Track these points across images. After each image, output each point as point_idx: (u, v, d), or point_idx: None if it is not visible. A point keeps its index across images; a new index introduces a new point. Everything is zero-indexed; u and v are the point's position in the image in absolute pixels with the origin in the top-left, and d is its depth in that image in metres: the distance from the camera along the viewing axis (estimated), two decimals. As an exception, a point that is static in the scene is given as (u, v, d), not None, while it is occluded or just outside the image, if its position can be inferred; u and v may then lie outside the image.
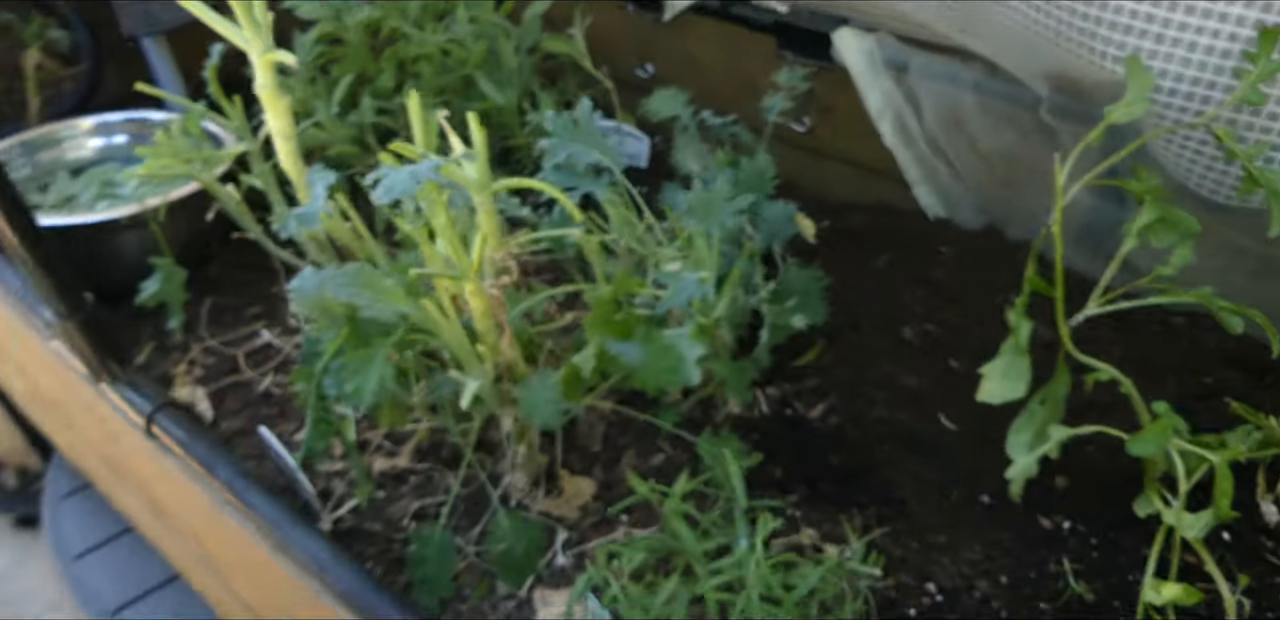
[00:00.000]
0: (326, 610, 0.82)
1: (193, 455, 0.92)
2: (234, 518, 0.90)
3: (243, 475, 0.89)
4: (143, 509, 1.45)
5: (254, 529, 0.88)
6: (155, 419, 0.95)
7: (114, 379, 0.98)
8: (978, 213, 1.59)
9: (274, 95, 1.02)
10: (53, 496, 1.94)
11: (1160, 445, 0.92)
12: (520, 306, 1.00)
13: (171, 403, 0.96)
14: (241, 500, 0.88)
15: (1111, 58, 1.18)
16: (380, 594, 0.79)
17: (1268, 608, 1.03)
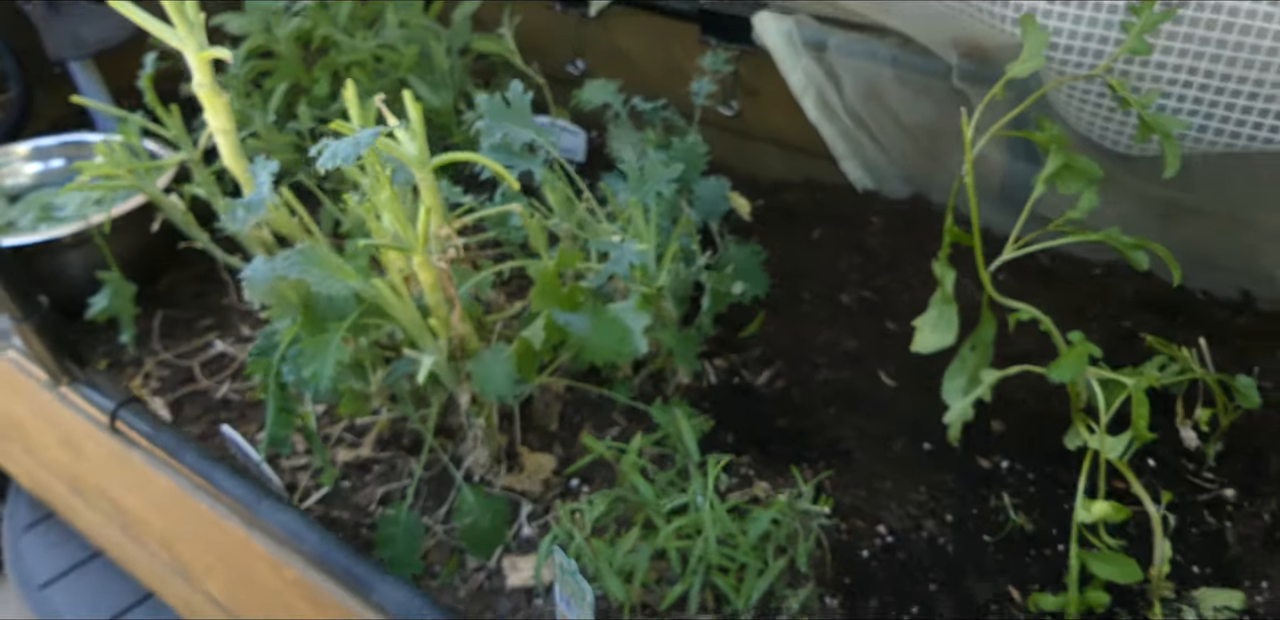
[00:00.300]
0: (306, 583, 0.85)
1: (159, 445, 0.95)
2: (204, 501, 0.92)
3: (208, 458, 0.92)
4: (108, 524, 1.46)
5: (225, 509, 0.91)
6: (119, 415, 0.98)
7: (73, 380, 1.00)
8: (903, 183, 1.66)
9: (212, 93, 1.05)
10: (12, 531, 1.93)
11: (1078, 370, 0.98)
12: (469, 282, 1.04)
13: (134, 399, 0.98)
14: (211, 482, 0.91)
15: (1010, 21, 1.24)
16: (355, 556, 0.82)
17: (1191, 523, 1.10)
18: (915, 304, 1.41)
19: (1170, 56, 1.18)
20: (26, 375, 1.07)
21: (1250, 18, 1.12)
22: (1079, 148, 1.31)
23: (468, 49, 1.86)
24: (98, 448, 1.06)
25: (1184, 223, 1.34)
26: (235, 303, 1.61)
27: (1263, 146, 1.20)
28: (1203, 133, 1.21)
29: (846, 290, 1.48)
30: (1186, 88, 1.19)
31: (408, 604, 0.78)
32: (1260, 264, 1.32)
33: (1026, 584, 1.06)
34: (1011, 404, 1.26)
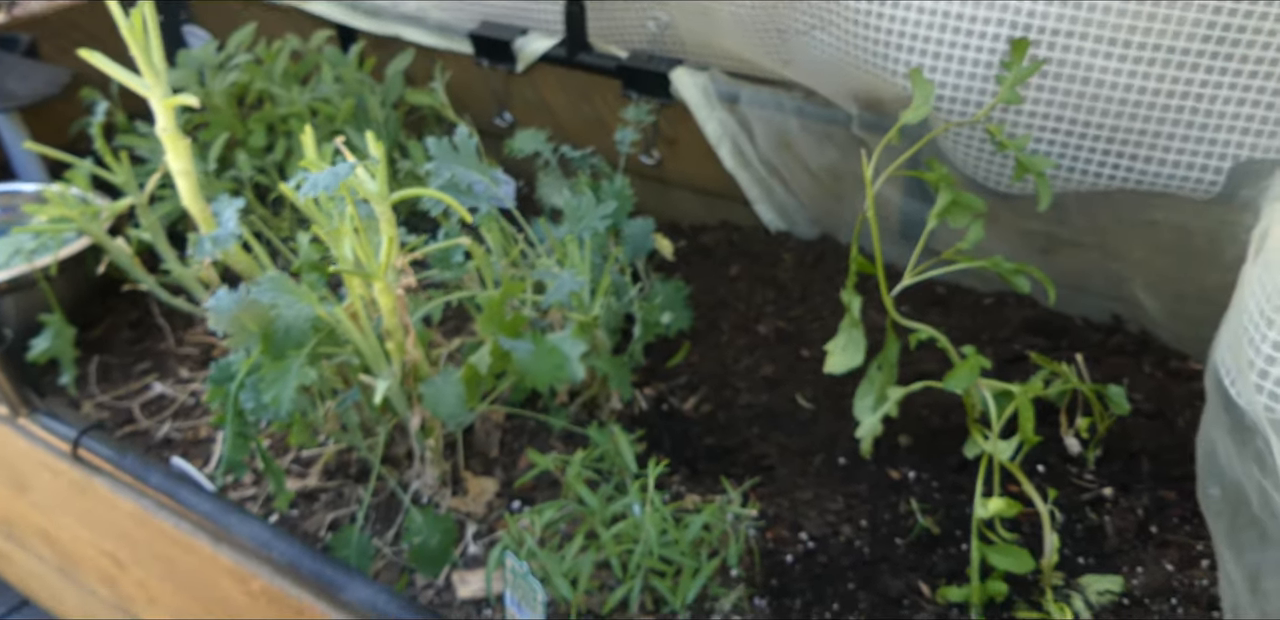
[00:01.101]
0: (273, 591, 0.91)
1: (124, 468, 1.00)
2: (169, 520, 0.97)
3: (173, 478, 0.97)
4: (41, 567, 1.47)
5: (191, 526, 0.96)
6: (81, 442, 1.02)
7: (33, 410, 1.05)
8: (812, 224, 1.79)
9: (175, 137, 1.12)
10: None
11: (971, 379, 1.09)
12: (423, 309, 1.12)
13: (97, 425, 1.03)
14: (177, 500, 0.96)
15: (901, 75, 1.39)
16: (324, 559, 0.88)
17: (1076, 519, 1.22)
18: (826, 332, 1.53)
19: (1039, 105, 1.34)
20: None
21: (1103, 73, 1.28)
22: (966, 187, 1.46)
23: (401, 102, 1.96)
24: (54, 479, 1.10)
25: (1062, 254, 1.49)
26: (172, 347, 1.65)
27: (1122, 184, 1.36)
28: (1071, 172, 1.37)
29: (763, 321, 1.59)
30: (1055, 133, 1.35)
31: (374, 600, 0.84)
32: (1129, 290, 1.47)
33: (935, 579, 1.17)
34: (917, 420, 1.38)
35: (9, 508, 1.38)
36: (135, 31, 1.01)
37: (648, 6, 1.75)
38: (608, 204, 1.22)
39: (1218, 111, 1.28)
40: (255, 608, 0.97)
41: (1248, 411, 0.99)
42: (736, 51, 1.69)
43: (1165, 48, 1.26)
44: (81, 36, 2.25)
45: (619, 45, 1.85)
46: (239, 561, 0.93)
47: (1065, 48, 1.30)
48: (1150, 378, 1.41)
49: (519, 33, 1.92)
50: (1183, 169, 1.32)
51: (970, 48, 1.33)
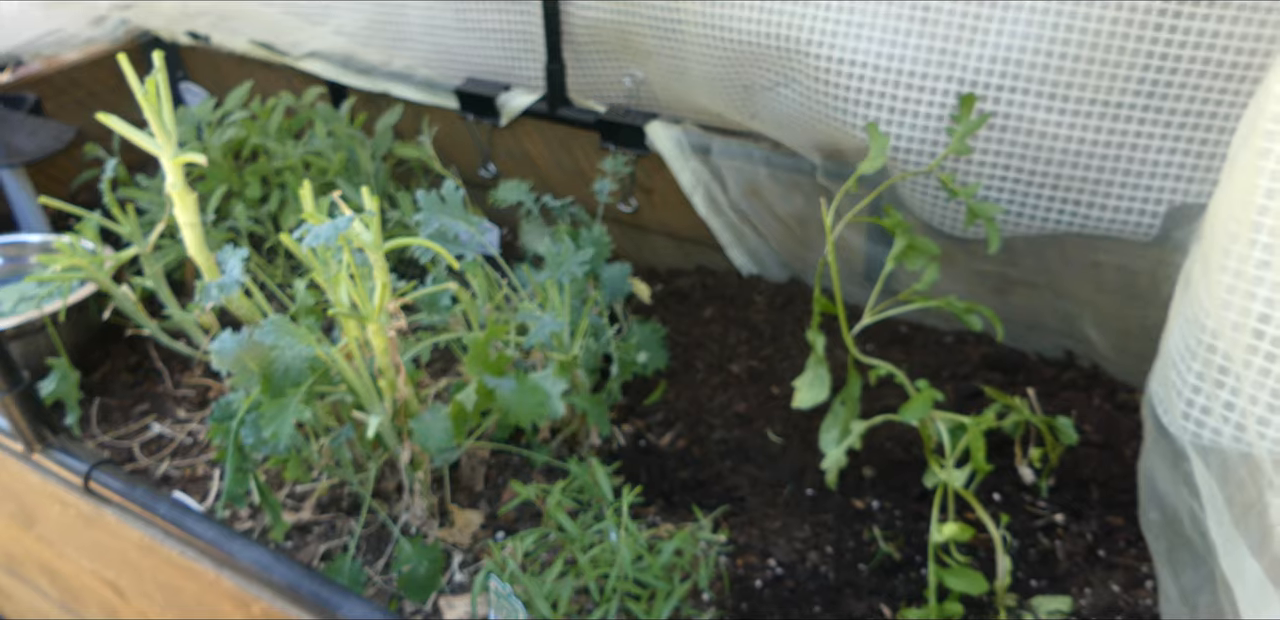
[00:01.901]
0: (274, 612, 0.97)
1: (133, 499, 1.06)
2: (175, 548, 1.03)
3: (179, 508, 1.04)
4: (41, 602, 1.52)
5: (195, 552, 1.02)
6: (92, 475, 1.09)
7: (47, 446, 1.12)
8: (782, 267, 1.88)
9: (184, 192, 1.21)
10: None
11: (925, 410, 1.17)
12: (412, 349, 1.19)
13: (108, 460, 1.10)
14: (184, 529, 1.02)
15: (859, 128, 1.49)
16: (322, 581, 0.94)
17: (1029, 545, 1.29)
18: (795, 371, 1.61)
19: (988, 155, 1.44)
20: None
21: (1045, 125, 1.38)
22: (922, 232, 1.55)
23: (390, 155, 2.05)
24: (63, 511, 1.16)
25: (1015, 294, 1.58)
26: (170, 390, 1.72)
27: (1067, 228, 1.45)
28: (1019, 217, 1.46)
29: (736, 361, 1.67)
30: (1003, 180, 1.44)
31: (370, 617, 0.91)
32: (1079, 327, 1.55)
33: (896, 602, 1.23)
34: (879, 452, 1.46)
35: (14, 544, 1.43)
36: (150, 97, 1.10)
37: (624, 64, 1.85)
38: (586, 251, 1.30)
39: (1151, 160, 1.38)
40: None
41: (1177, 438, 1.07)
42: (708, 106, 1.79)
43: (1101, 102, 1.37)
44: (83, 94, 2.36)
45: (597, 100, 1.95)
46: (241, 585, 0.99)
47: (1009, 102, 1.40)
48: (1099, 410, 1.49)
49: (502, 89, 2.02)
50: (1122, 214, 1.42)
51: (922, 103, 1.43)
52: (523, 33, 1.95)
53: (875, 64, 1.45)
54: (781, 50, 1.54)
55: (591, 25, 1.81)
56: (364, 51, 2.19)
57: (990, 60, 1.39)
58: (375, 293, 1.06)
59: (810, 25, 1.50)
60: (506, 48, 1.99)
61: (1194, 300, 1.04)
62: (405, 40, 2.13)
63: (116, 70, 2.40)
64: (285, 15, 2.26)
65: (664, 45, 1.72)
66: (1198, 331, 1.02)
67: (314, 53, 2.24)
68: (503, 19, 1.95)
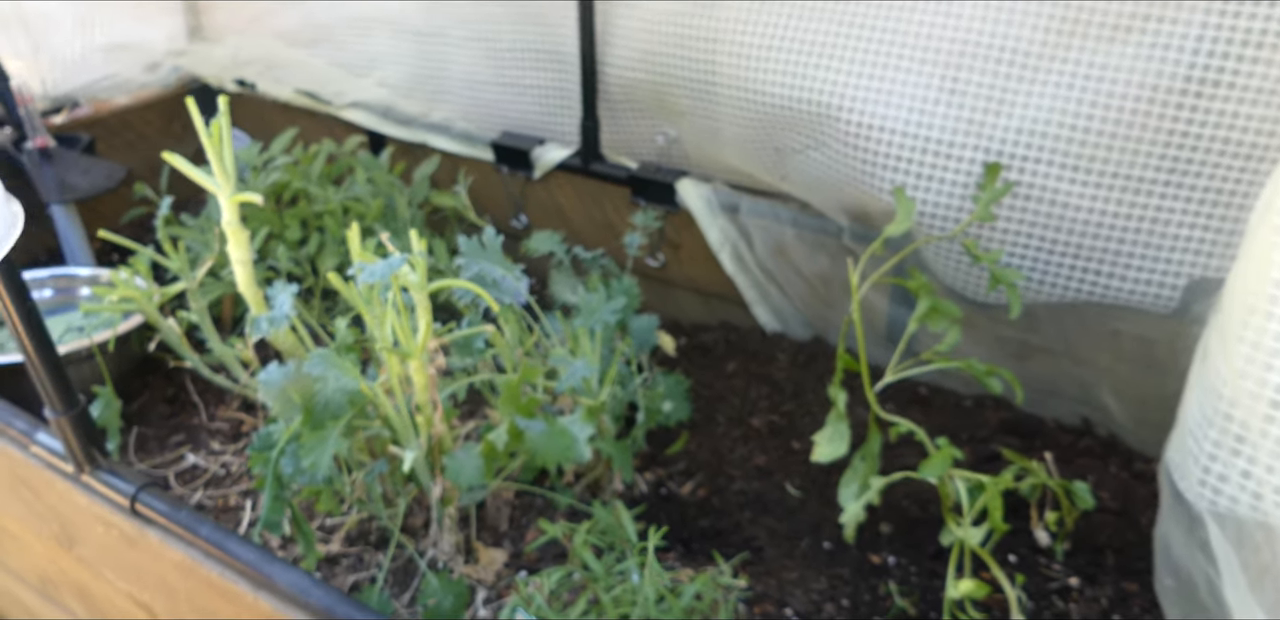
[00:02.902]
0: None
1: (177, 521, 1.09)
2: (215, 569, 1.06)
3: (220, 531, 1.07)
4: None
5: (235, 574, 1.05)
6: (139, 497, 1.12)
7: (96, 468, 1.15)
8: (805, 326, 1.92)
9: (238, 230, 1.26)
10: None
11: (944, 468, 1.20)
12: (449, 388, 1.23)
13: (153, 482, 1.13)
14: (225, 551, 1.05)
15: (887, 192, 1.54)
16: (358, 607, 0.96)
17: (1044, 607, 1.31)
18: (815, 426, 1.64)
19: (1011, 223, 1.48)
20: (46, 468, 1.22)
21: (1068, 196, 1.43)
22: (945, 295, 1.60)
23: (426, 202, 2.11)
24: (106, 532, 1.20)
25: (1034, 360, 1.61)
26: (205, 422, 1.76)
27: (1088, 297, 1.49)
28: (1040, 285, 1.50)
29: (757, 415, 1.71)
30: (1025, 248, 1.49)
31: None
32: (1097, 395, 1.58)
33: (910, 657, 1.25)
34: (897, 510, 1.48)
35: (51, 565, 1.46)
36: (214, 138, 1.16)
37: (657, 123, 1.92)
38: (618, 300, 1.34)
39: (1172, 233, 1.43)
40: (285, 657, 1.06)
41: (1194, 504, 1.09)
42: (738, 165, 1.85)
43: (1124, 175, 1.42)
44: (133, 136, 2.44)
45: (629, 156, 2.02)
46: (277, 607, 1.01)
47: (1034, 172, 1.46)
48: (1116, 478, 1.52)
49: (537, 142, 2.08)
50: (1142, 285, 1.46)
51: (949, 170, 1.49)
52: (559, 89, 2.02)
53: (904, 130, 1.51)
54: (813, 115, 1.61)
55: (627, 84, 1.88)
56: (404, 103, 2.27)
57: (1016, 131, 1.45)
58: (419, 331, 1.10)
59: (842, 91, 1.56)
60: (543, 103, 2.06)
61: (1212, 370, 1.08)
62: (445, 93, 2.21)
63: (166, 114, 2.50)
64: (331, 66, 2.35)
65: (697, 106, 1.79)
66: (1215, 400, 1.05)
67: (356, 103, 2.32)
68: (540, 76, 2.03)
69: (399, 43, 2.22)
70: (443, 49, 2.16)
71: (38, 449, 1.22)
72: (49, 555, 1.43)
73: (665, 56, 1.78)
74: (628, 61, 1.85)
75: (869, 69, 1.53)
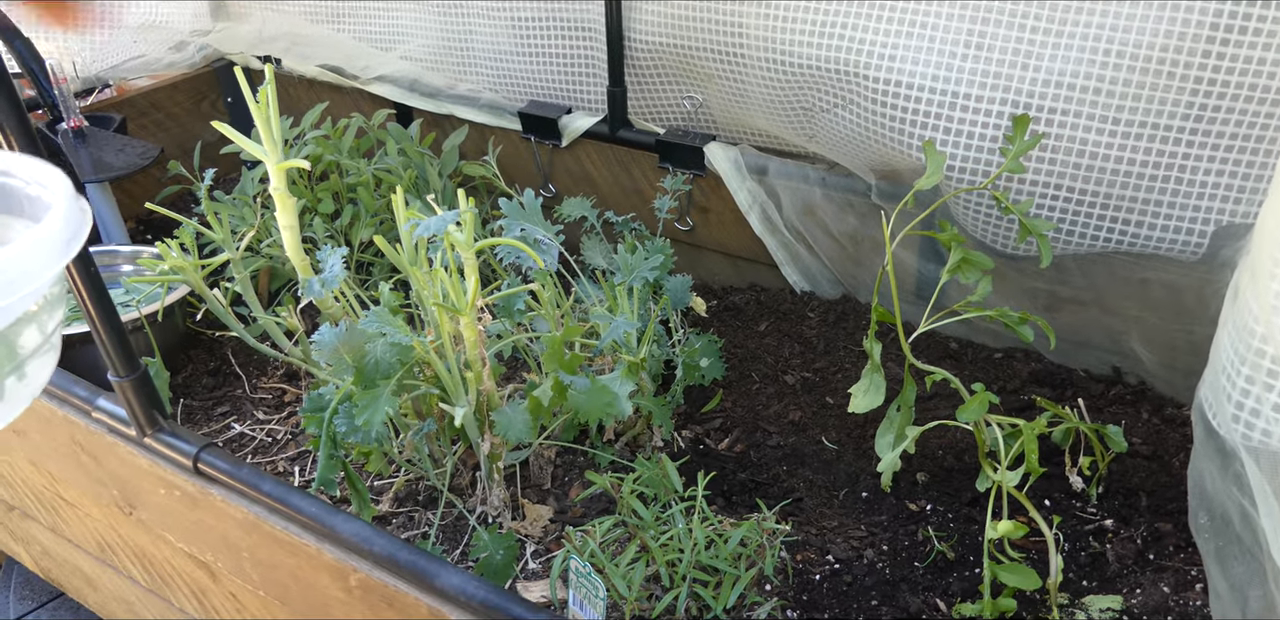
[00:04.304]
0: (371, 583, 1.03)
1: (239, 479, 1.14)
2: (278, 524, 1.10)
3: (282, 486, 1.11)
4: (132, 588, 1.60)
5: (298, 527, 1.09)
6: (201, 457, 1.17)
7: (159, 430, 1.19)
8: (834, 285, 1.94)
9: (285, 195, 1.29)
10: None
11: (981, 411, 1.23)
12: (496, 346, 1.27)
13: (212, 443, 1.17)
14: (287, 505, 1.09)
15: (916, 148, 1.56)
16: (418, 551, 1.00)
17: (1080, 548, 1.34)
18: (848, 382, 1.67)
19: (1040, 175, 1.50)
20: (108, 433, 1.26)
21: (1096, 146, 1.44)
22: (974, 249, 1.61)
23: (456, 172, 2.14)
24: (167, 494, 1.24)
25: (1064, 311, 1.63)
26: (248, 393, 1.80)
27: (1116, 247, 1.51)
28: (1070, 236, 1.52)
29: (790, 372, 1.73)
30: (1054, 199, 1.51)
31: (463, 586, 0.96)
32: (1127, 344, 1.60)
33: (950, 598, 1.28)
34: (933, 459, 1.51)
35: (110, 532, 1.51)
36: (261, 107, 1.19)
37: (684, 87, 1.94)
38: (656, 258, 1.37)
39: (1199, 181, 1.44)
40: (349, 603, 1.10)
41: (1227, 439, 1.11)
42: (765, 128, 1.87)
43: (1151, 124, 1.43)
44: (161, 116, 2.47)
45: (656, 122, 2.04)
46: (340, 558, 1.05)
47: (1061, 124, 1.47)
48: (1148, 423, 1.54)
49: (564, 111, 2.10)
50: (1170, 232, 1.48)
51: (978, 124, 1.50)
52: (585, 57, 2.04)
53: (931, 86, 1.53)
54: (840, 73, 1.62)
55: (653, 50, 1.90)
56: (430, 76, 2.29)
57: (1043, 84, 1.46)
58: (469, 288, 1.13)
59: (869, 50, 1.58)
60: (568, 72, 2.08)
61: (1243, 308, 1.10)
62: (470, 65, 2.23)
63: (193, 94, 2.53)
64: (357, 41, 2.38)
65: (724, 69, 1.81)
66: (1248, 337, 1.08)
67: (382, 77, 2.34)
68: (566, 44, 2.05)
69: (423, 15, 2.24)
70: (467, 20, 2.18)
71: (99, 414, 1.26)
72: (108, 521, 1.48)
73: (691, 21, 1.79)
74: (653, 27, 1.86)
75: (895, 26, 1.54)
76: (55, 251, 0.72)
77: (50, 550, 1.79)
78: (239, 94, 2.62)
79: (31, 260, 0.70)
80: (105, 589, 1.69)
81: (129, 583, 1.58)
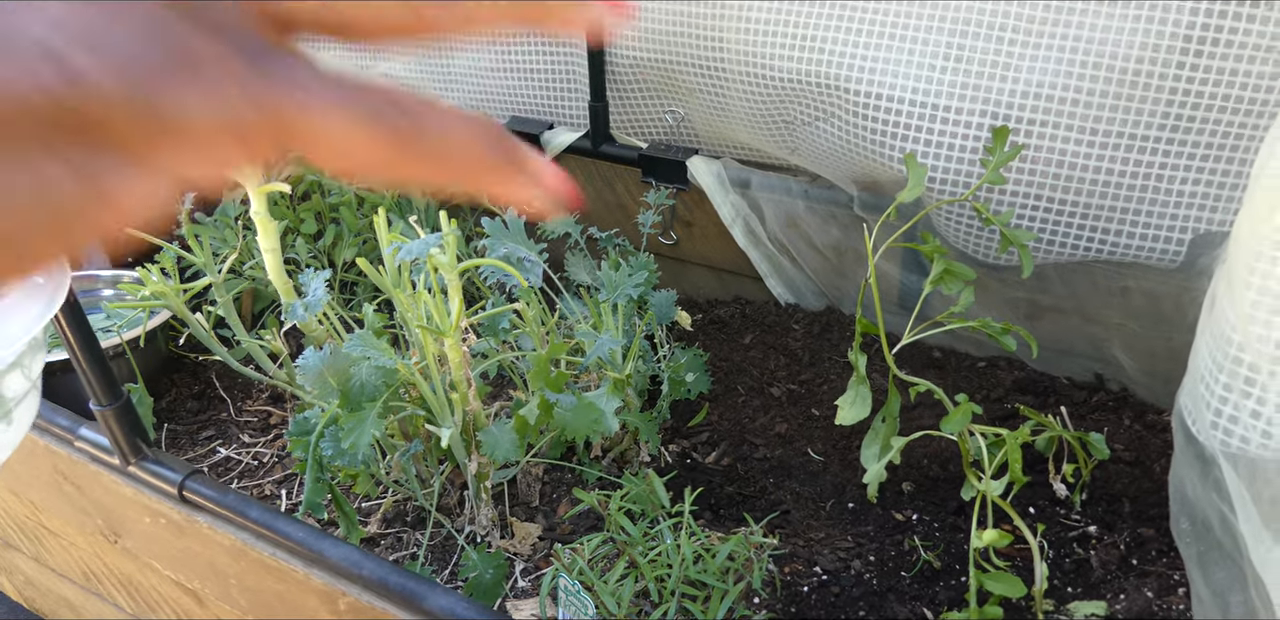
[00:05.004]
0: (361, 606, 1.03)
1: (225, 506, 1.13)
2: (266, 550, 1.10)
3: (269, 512, 1.11)
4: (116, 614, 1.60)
5: (285, 553, 1.09)
6: (186, 484, 1.16)
7: (142, 458, 1.19)
8: (818, 297, 1.95)
9: (266, 219, 1.30)
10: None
11: (964, 422, 1.24)
12: (481, 366, 1.27)
13: (198, 470, 1.17)
14: (275, 531, 1.09)
15: (897, 160, 1.57)
16: (407, 573, 1.01)
17: (1064, 555, 1.35)
18: (834, 393, 1.68)
19: (1020, 185, 1.51)
20: (91, 462, 1.26)
21: (1075, 156, 1.46)
22: (956, 259, 1.62)
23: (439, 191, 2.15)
24: (153, 522, 1.24)
25: (1045, 319, 1.64)
26: (233, 416, 1.80)
27: (1096, 255, 1.52)
28: (1050, 245, 1.53)
29: (775, 385, 1.74)
30: (1034, 210, 1.52)
31: (453, 607, 0.97)
32: (1108, 351, 1.62)
33: (938, 607, 1.29)
34: (917, 469, 1.52)
35: (96, 560, 1.51)
36: (242, 129, 1.20)
37: (666, 102, 1.95)
38: (640, 274, 1.38)
39: (1177, 190, 1.46)
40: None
41: (1206, 446, 1.13)
42: (748, 141, 1.88)
43: (1128, 134, 1.45)
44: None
45: (638, 136, 2.05)
46: (329, 582, 1.05)
47: (1040, 135, 1.49)
48: (1129, 430, 1.55)
49: (545, 127, 2.11)
50: (1149, 241, 1.49)
51: (958, 136, 1.51)
52: (566, 73, 2.05)
53: (911, 99, 1.54)
54: (820, 87, 1.63)
55: (635, 64, 1.91)
56: (412, 92, 2.30)
57: (1021, 95, 1.48)
58: (453, 309, 1.14)
59: (849, 63, 1.59)
60: (549, 87, 2.09)
61: (1220, 316, 1.11)
62: (452, 81, 2.23)
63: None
64: (336, 59, 2.38)
65: (706, 83, 1.82)
66: (1225, 345, 1.09)
67: (365, 94, 2.35)
68: (547, 60, 2.06)
69: (403, 33, 2.25)
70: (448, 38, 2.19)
71: (82, 444, 1.26)
72: (93, 550, 1.48)
73: (671, 35, 1.80)
74: (634, 41, 1.88)
75: (875, 39, 1.56)
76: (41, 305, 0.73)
77: (34, 580, 1.78)
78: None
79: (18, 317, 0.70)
80: (90, 617, 1.68)
81: (114, 610, 1.58)
